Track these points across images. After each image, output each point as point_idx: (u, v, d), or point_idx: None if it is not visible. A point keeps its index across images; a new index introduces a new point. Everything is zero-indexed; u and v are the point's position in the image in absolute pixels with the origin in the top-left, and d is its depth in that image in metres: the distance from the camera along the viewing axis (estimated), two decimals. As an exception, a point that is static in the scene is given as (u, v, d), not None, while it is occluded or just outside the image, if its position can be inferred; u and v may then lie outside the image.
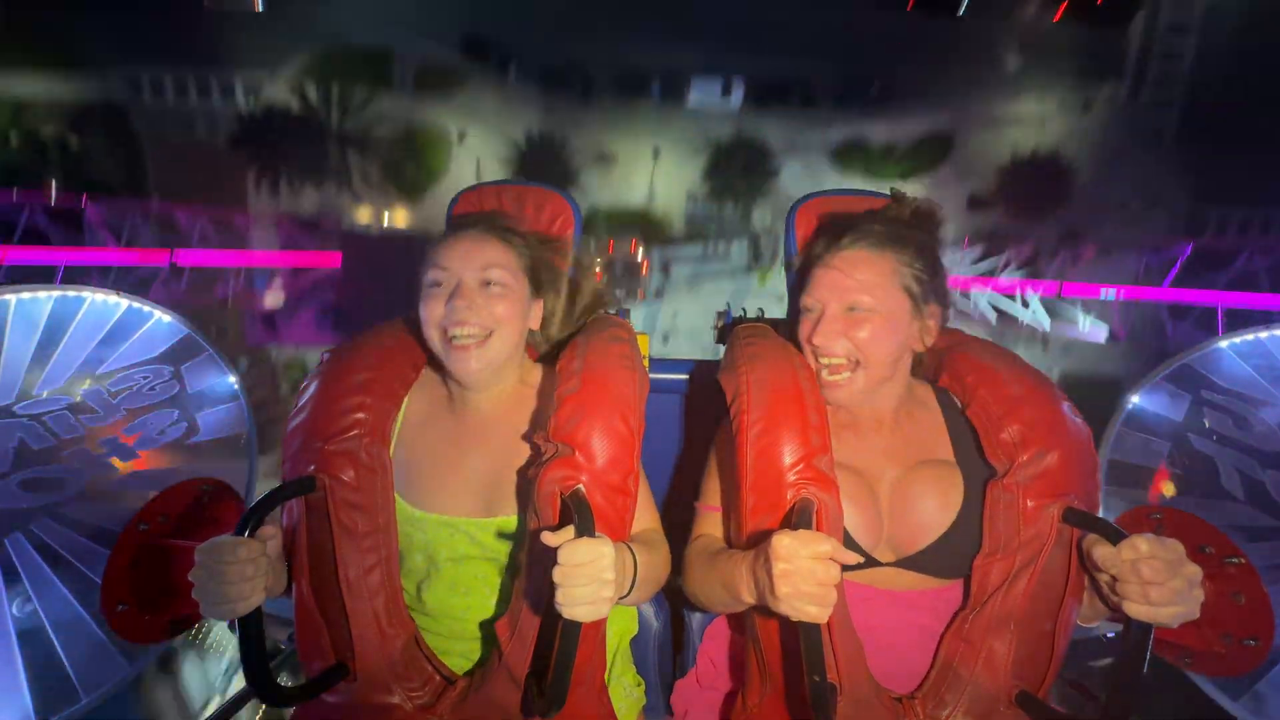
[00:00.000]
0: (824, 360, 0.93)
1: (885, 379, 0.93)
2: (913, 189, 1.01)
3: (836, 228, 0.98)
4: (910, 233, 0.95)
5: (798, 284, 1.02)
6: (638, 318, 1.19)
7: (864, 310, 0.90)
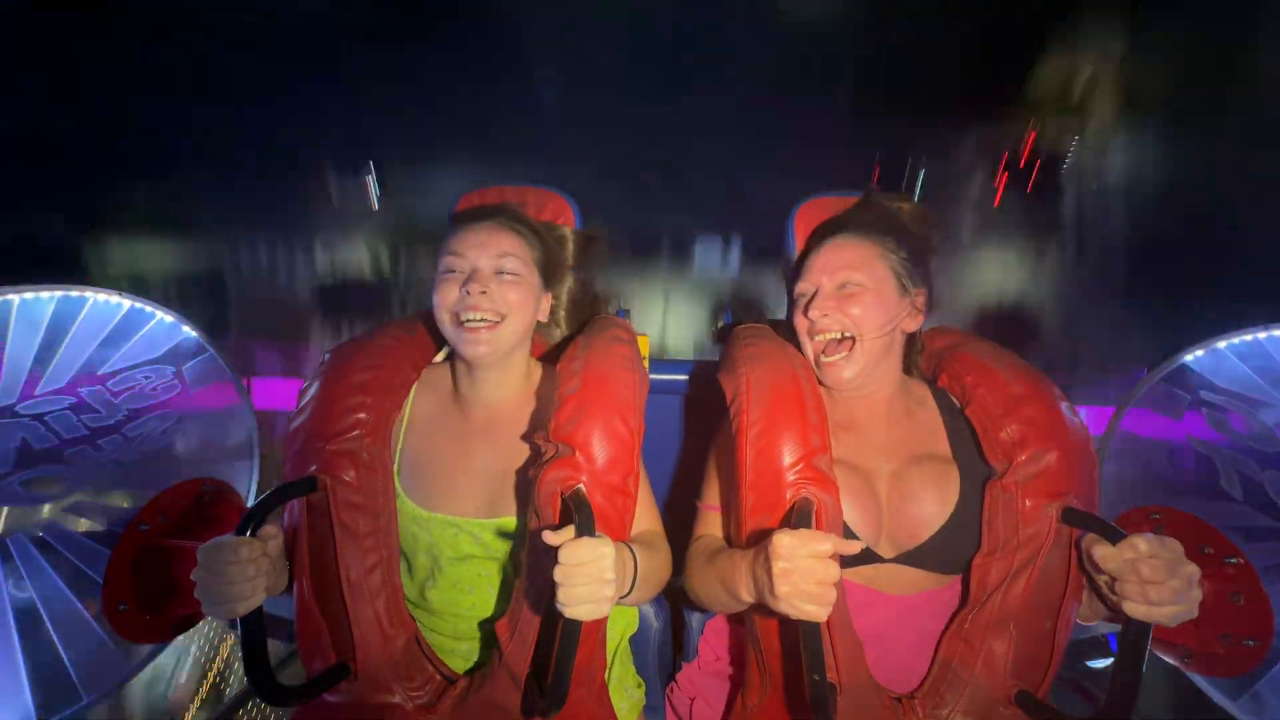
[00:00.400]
0: (819, 338, 0.96)
1: (880, 356, 0.95)
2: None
3: (825, 227, 1.04)
4: (893, 224, 1.00)
5: (793, 279, 1.04)
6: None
7: (855, 286, 0.95)
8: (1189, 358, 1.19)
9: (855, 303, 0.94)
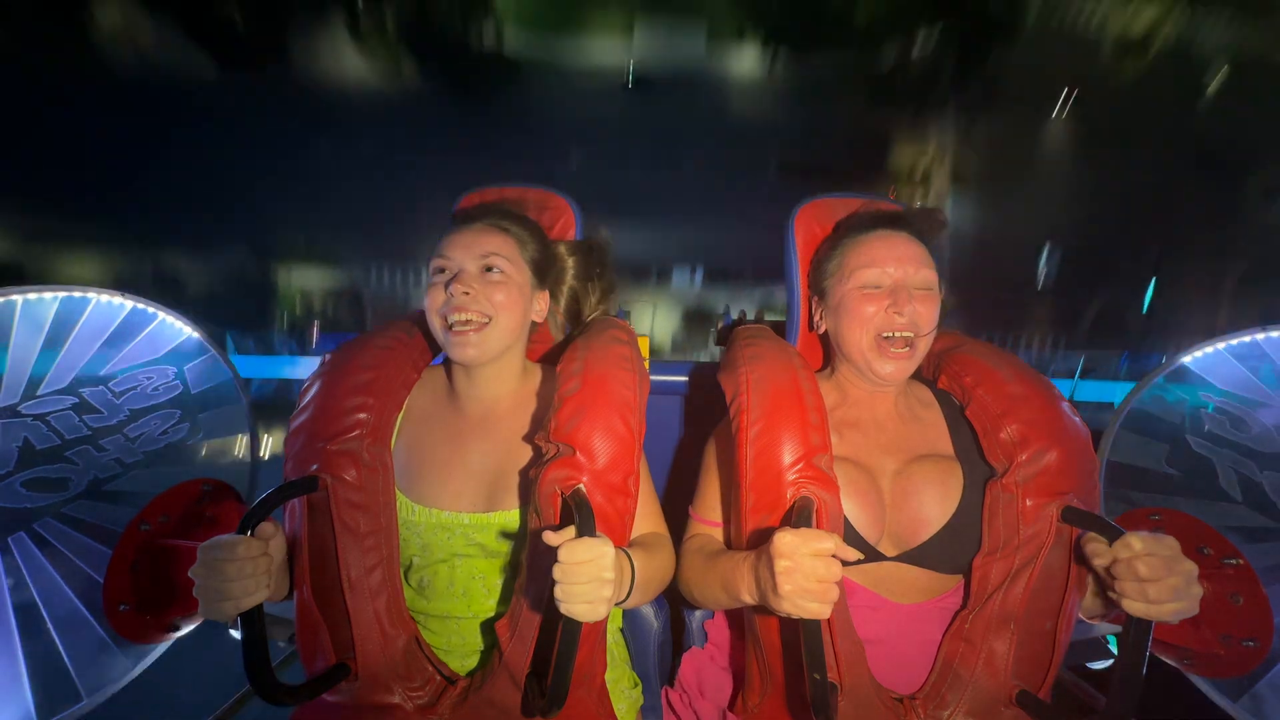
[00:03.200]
0: (888, 334, 0.93)
1: (922, 358, 0.96)
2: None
3: (877, 217, 1.01)
4: (926, 232, 1.00)
5: (820, 271, 1.03)
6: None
7: (926, 289, 0.94)
8: (1189, 358, 1.19)
9: (927, 304, 0.93)
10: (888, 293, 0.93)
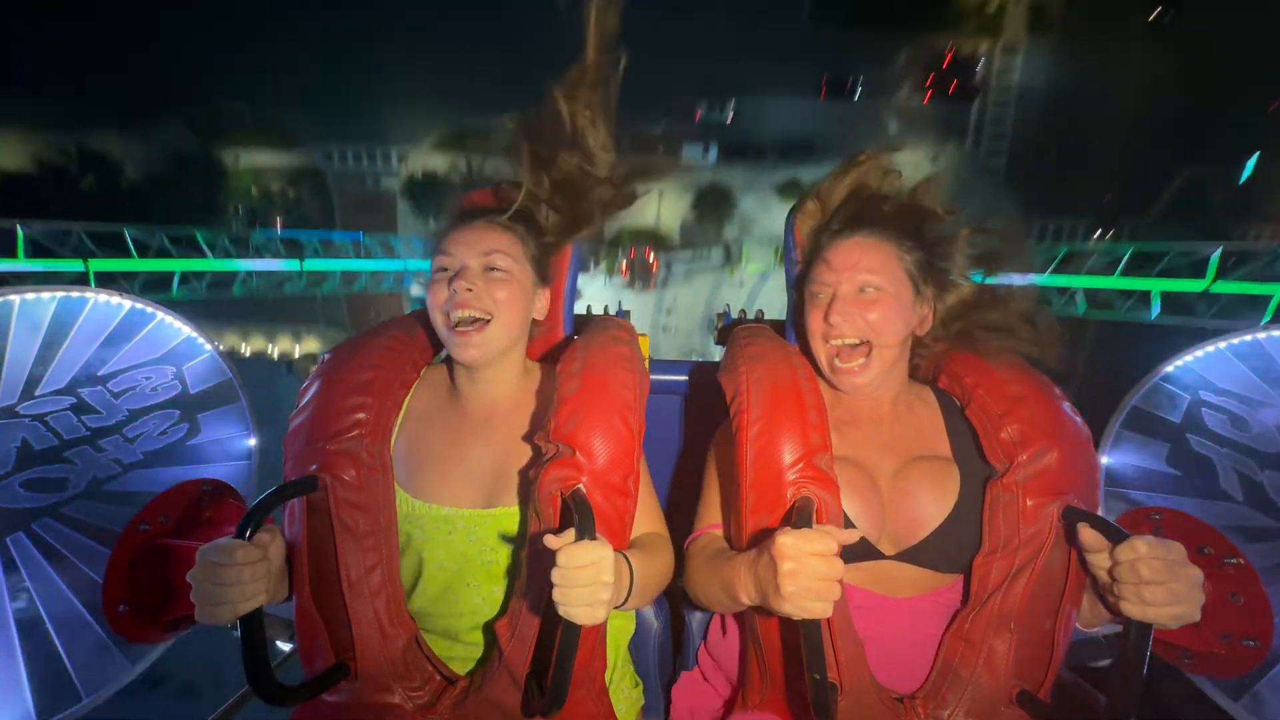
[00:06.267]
0: (836, 343, 0.94)
1: (894, 361, 0.95)
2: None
3: (839, 221, 1.00)
4: (906, 222, 0.98)
5: (801, 278, 1.03)
6: (648, 301, 1.22)
7: (874, 291, 0.93)
8: (1189, 358, 1.19)
9: (873, 308, 0.92)
10: (826, 300, 0.95)
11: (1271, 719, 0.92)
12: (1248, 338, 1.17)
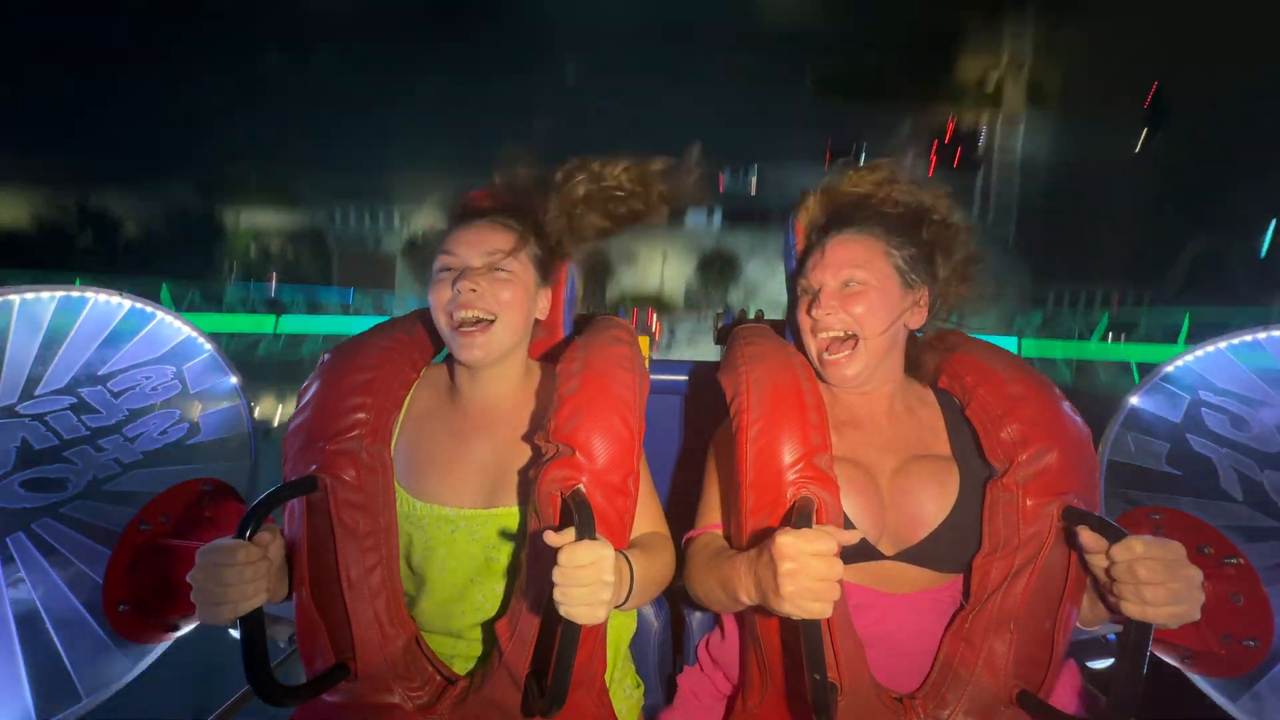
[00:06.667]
0: (822, 335, 0.96)
1: (883, 354, 0.96)
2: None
3: (827, 222, 1.03)
4: (896, 221, 0.99)
5: (795, 276, 1.04)
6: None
7: (858, 284, 0.95)
8: (1189, 358, 1.19)
9: (858, 301, 0.94)
10: (813, 296, 0.98)
11: (1271, 719, 0.92)
12: (1248, 338, 1.17)
